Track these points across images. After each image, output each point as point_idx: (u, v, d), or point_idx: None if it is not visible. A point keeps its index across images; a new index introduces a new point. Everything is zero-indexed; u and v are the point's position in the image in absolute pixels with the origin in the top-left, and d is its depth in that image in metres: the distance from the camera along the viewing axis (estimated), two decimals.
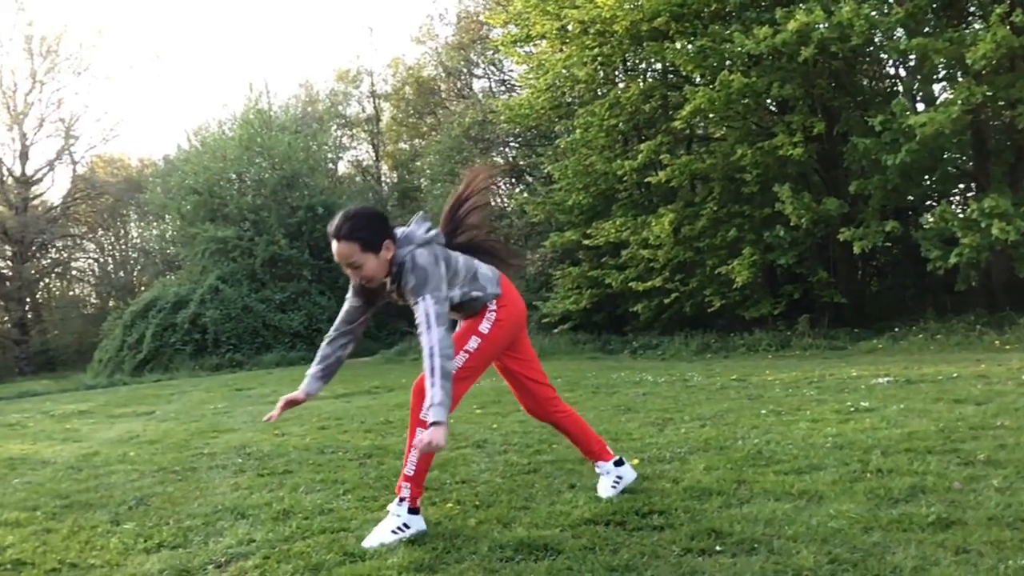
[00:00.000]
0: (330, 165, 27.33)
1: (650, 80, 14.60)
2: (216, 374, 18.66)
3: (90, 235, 35.11)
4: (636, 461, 4.24)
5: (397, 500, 3.17)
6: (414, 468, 3.19)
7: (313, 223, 23.46)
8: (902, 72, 13.68)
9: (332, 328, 3.27)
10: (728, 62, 12.36)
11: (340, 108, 27.73)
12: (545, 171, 16.28)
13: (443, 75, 23.53)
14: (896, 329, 11.65)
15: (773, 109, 13.62)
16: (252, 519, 3.48)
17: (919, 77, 12.40)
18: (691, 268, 13.48)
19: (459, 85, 23.41)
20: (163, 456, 5.41)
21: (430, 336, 2.90)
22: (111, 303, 33.41)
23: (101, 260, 36.83)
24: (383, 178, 28.03)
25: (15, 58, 28.27)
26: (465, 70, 22.96)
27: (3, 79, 29.68)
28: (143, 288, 30.52)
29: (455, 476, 4.16)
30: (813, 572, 2.47)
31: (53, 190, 32.59)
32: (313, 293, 23.04)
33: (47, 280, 34.35)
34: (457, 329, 3.31)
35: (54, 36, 30.04)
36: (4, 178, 30.43)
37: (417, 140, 25.57)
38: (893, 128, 10.81)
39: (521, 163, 18.76)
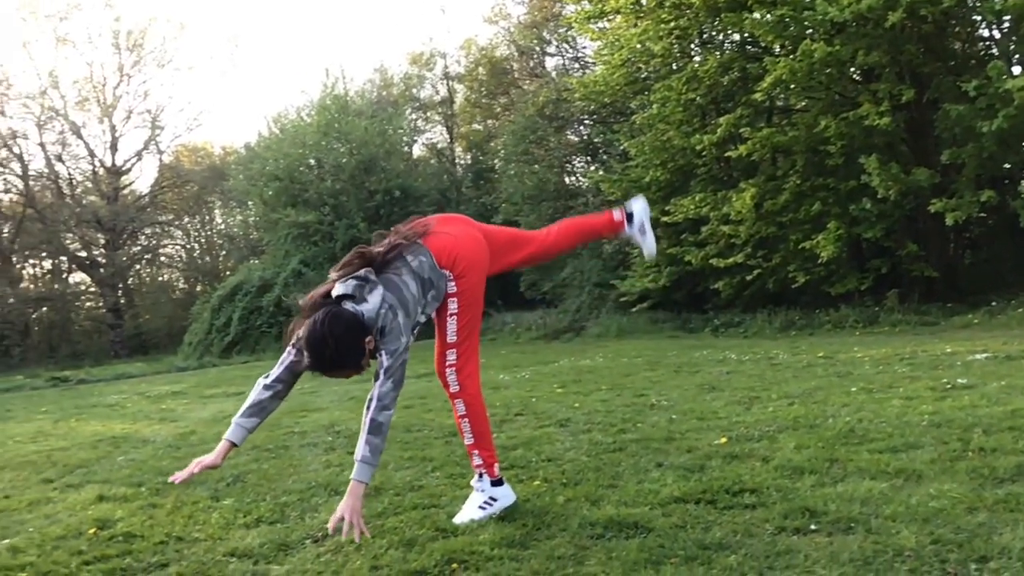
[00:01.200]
0: (405, 148, 27.62)
1: (728, 52, 14.25)
2: None
3: (177, 222, 36.33)
4: (724, 440, 4.19)
5: (476, 476, 3.20)
6: (472, 435, 3.19)
7: (390, 206, 23.78)
8: (996, 34, 12.99)
9: (271, 376, 2.94)
10: (809, 31, 11.95)
11: (414, 91, 27.95)
12: (621, 148, 16.10)
13: (516, 54, 23.44)
14: (993, 303, 11.15)
15: (858, 78, 13.12)
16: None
17: (1015, 39, 11.77)
18: (774, 243, 13.16)
19: (532, 64, 23.29)
20: (256, 435, 5.56)
21: (376, 388, 2.87)
22: (198, 288, 34.56)
23: (188, 246, 38.11)
24: (457, 160, 28.19)
25: (104, 53, 29.41)
26: (538, 48, 22.82)
27: (93, 74, 30.85)
28: (228, 273, 31.49)
29: (540, 454, 4.18)
30: (915, 552, 2.40)
31: (141, 179, 33.84)
32: None
33: (138, 266, 35.72)
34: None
35: (139, 31, 31.05)
36: (96, 169, 31.70)
37: (491, 121, 25.59)
38: (988, 93, 10.30)
39: (595, 140, 18.59)
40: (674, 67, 14.27)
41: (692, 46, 14.67)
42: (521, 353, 12.45)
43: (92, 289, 31.68)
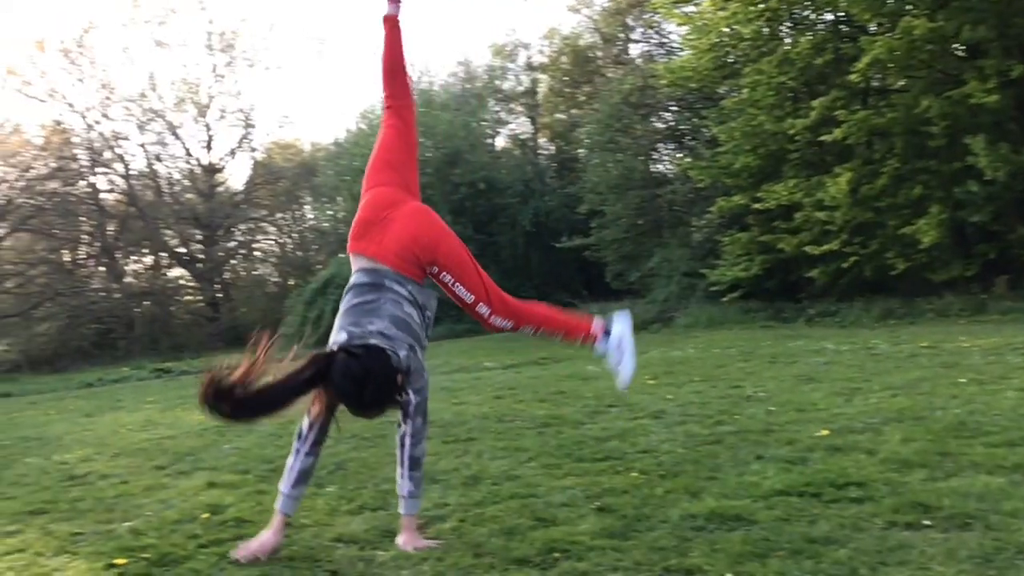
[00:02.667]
0: (489, 140, 27.74)
1: (821, 32, 13.80)
2: None
3: (269, 217, 37.42)
4: (825, 432, 4.08)
5: (595, 349, 3.19)
6: (561, 332, 3.18)
7: (475, 199, 23.97)
8: None
9: (308, 441, 2.89)
10: (909, 6, 11.47)
11: (497, 83, 28.03)
12: (709, 134, 15.79)
13: (600, 42, 23.22)
14: None
15: (962, 54, 12.53)
16: (443, 483, 3.61)
17: None
18: (871, 229, 12.70)
19: (616, 51, 23.05)
20: (351, 424, 5.70)
21: (408, 426, 2.85)
22: (291, 281, 35.55)
23: (280, 241, 39.24)
24: (540, 150, 28.17)
25: (198, 55, 30.54)
26: (622, 36, 22.57)
27: (188, 75, 32.07)
28: (319, 267, 32.28)
29: (635, 446, 4.15)
30: None
31: (236, 177, 34.96)
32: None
33: (233, 261, 36.98)
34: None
35: (231, 32, 32.08)
36: (193, 167, 32.95)
37: (574, 110, 25.44)
38: None
39: (682, 127, 18.26)
40: (764, 50, 13.89)
41: (782, 28, 14.25)
42: None
43: (191, 284, 32.97)
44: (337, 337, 2.81)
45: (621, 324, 3.24)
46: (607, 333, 3.21)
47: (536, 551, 2.64)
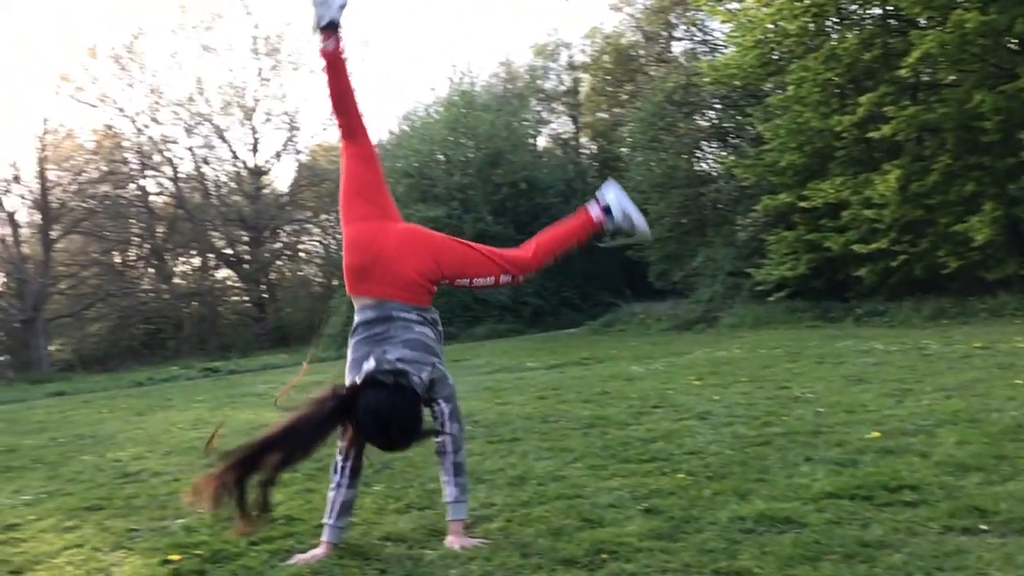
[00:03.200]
0: (530, 140, 27.75)
1: (868, 27, 13.55)
2: None
3: (314, 219, 37.89)
4: (876, 434, 4.01)
5: (604, 223, 3.24)
6: (571, 238, 3.28)
7: (516, 199, 24.00)
8: None
9: (345, 472, 2.92)
10: None
11: (539, 83, 28.04)
12: (754, 131, 15.61)
13: (642, 40, 23.12)
14: None
15: (1015, 47, 12.21)
16: (489, 483, 3.62)
17: None
18: (921, 227, 12.45)
19: (659, 49, 22.91)
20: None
21: (446, 435, 2.87)
22: (334, 282, 35.96)
23: (324, 242, 39.71)
24: (582, 149, 28.12)
25: (243, 59, 31.01)
26: (665, 33, 22.43)
27: (234, 79, 32.56)
28: None
29: (682, 447, 4.11)
30: None
31: (281, 179, 35.44)
32: None
33: (279, 262, 37.50)
34: None
35: (276, 36, 32.53)
36: (239, 170, 33.48)
37: (616, 108, 25.35)
38: None
39: (726, 124, 18.07)
40: (810, 46, 13.69)
41: (829, 23, 14.03)
42: (652, 344, 12.31)
43: (237, 284, 33.51)
44: (352, 374, 2.82)
45: (613, 193, 3.28)
46: (608, 211, 3.23)
47: (583, 552, 2.63)
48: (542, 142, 29.22)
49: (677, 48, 22.52)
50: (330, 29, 2.92)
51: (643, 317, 17.08)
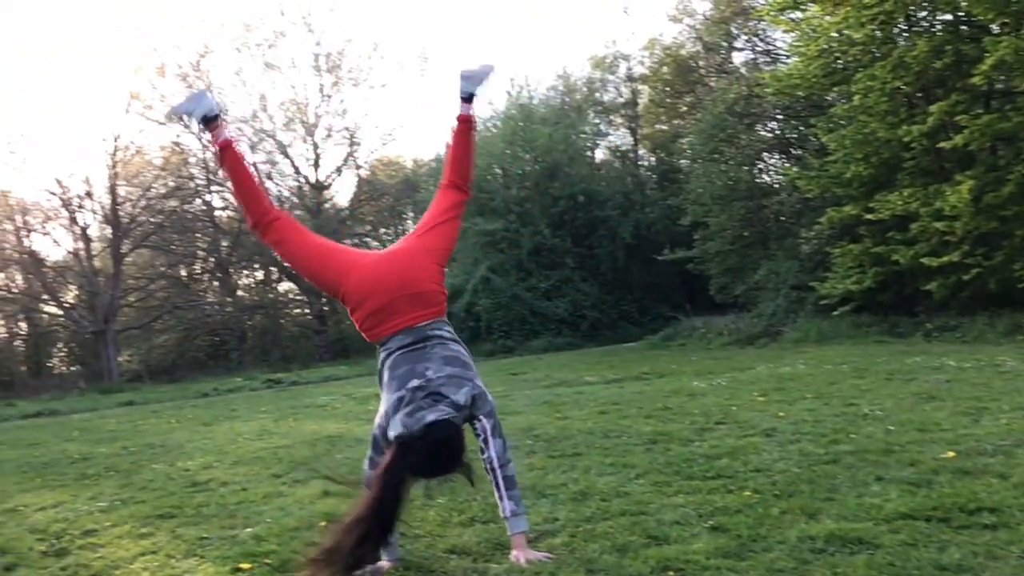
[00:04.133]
0: (588, 153, 27.71)
1: (939, 34, 13.20)
2: (490, 359, 19.70)
3: (373, 233, 38.42)
4: (951, 454, 3.89)
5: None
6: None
7: (574, 212, 23.98)
8: None
9: None
10: None
11: (597, 95, 28.00)
12: (818, 142, 15.32)
13: (702, 51, 22.90)
14: None
15: None
16: (552, 498, 3.61)
17: None
18: (996, 240, 12.03)
19: (719, 60, 22.67)
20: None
21: (492, 450, 2.91)
22: None
23: None
24: (641, 162, 27.96)
25: (305, 75, 31.63)
26: (725, 44, 22.18)
27: (297, 95, 33.22)
28: None
29: (747, 465, 4.04)
30: None
31: (342, 193, 35.92)
32: (576, 280, 23.60)
33: None
34: None
35: (336, 52, 33.12)
36: (301, 185, 34.14)
37: (676, 120, 25.16)
38: None
39: (789, 135, 17.78)
40: (877, 54, 13.39)
41: (897, 30, 13.71)
42: (713, 359, 12.14)
43: (299, 297, 34.12)
44: (391, 390, 2.88)
45: (470, 85, 3.31)
46: (470, 98, 3.28)
47: (650, 569, 2.60)
48: (600, 155, 29.14)
49: (738, 59, 22.26)
50: (210, 122, 3.15)
51: (703, 331, 16.86)
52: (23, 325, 37.22)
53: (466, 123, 3.27)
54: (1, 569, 3.32)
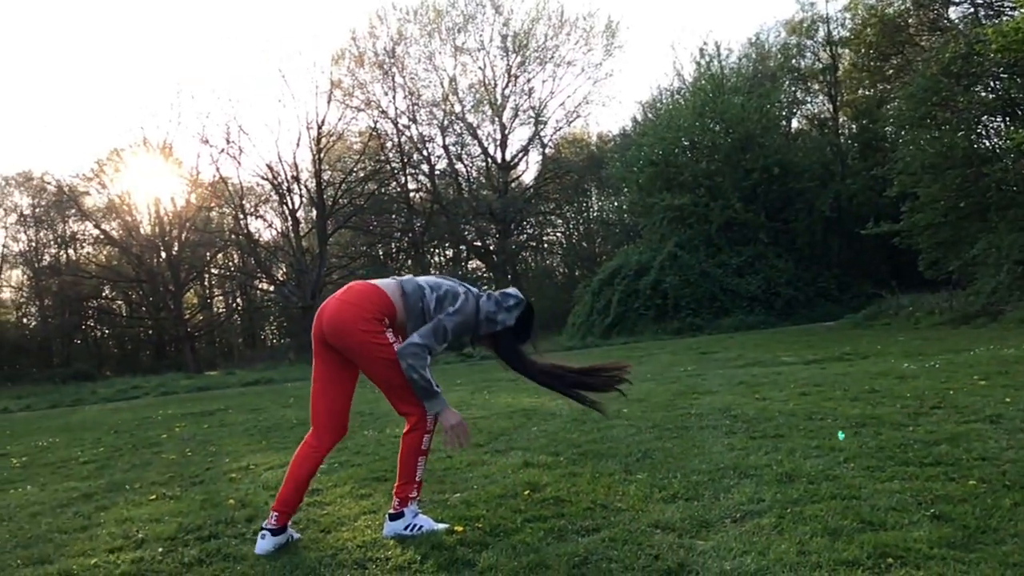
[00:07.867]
0: (783, 123, 26.51)
1: None
2: (678, 338, 19.42)
3: (557, 211, 38.78)
4: None
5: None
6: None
7: (768, 184, 23.06)
8: None
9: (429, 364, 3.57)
10: None
11: (793, 62, 26.68)
12: None
13: (911, 8, 21.17)
14: None
15: None
16: (756, 479, 3.53)
17: None
18: None
19: (932, 16, 20.89)
20: (653, 414, 5.77)
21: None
22: (576, 272, 36.58)
23: (567, 233, 40.47)
24: (841, 130, 26.38)
25: (493, 57, 32.27)
26: None
27: (485, 77, 33.99)
28: (604, 257, 32.86)
29: (970, 452, 3.76)
30: None
31: (527, 172, 36.44)
32: (770, 256, 22.72)
33: (524, 253, 38.77)
34: None
35: (523, 32, 33.51)
36: (489, 165, 35.00)
37: (881, 85, 23.50)
38: None
39: (1016, 95, 16.12)
40: None
41: None
42: (923, 340, 11.33)
43: (487, 275, 35.15)
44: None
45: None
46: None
47: (867, 555, 2.50)
48: (796, 124, 27.83)
49: (954, 14, 20.43)
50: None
51: (911, 310, 15.77)
52: (240, 300, 40.88)
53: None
54: (244, 519, 3.69)
